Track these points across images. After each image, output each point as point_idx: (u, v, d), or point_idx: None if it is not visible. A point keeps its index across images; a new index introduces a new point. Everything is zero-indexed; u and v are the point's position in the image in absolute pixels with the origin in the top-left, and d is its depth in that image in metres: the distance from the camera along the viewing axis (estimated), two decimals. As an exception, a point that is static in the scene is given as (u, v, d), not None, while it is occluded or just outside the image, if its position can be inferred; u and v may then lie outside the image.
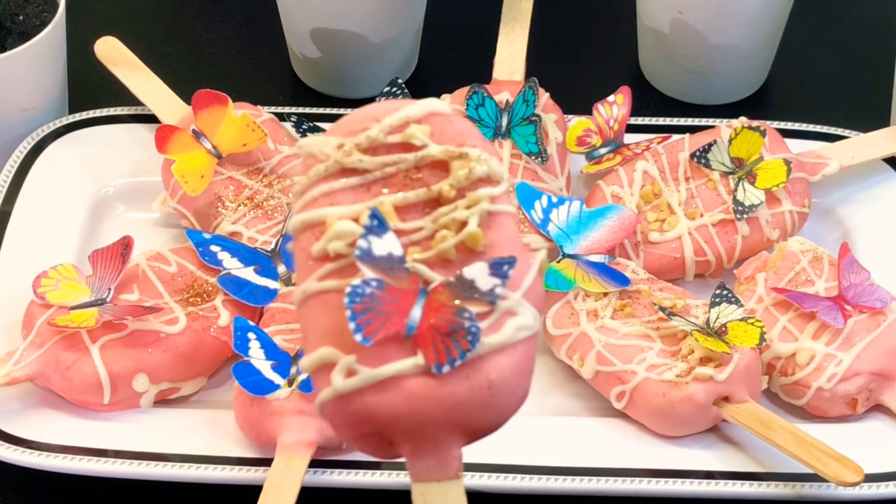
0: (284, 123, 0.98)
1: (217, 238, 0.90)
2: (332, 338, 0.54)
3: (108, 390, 0.83)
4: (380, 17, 1.04)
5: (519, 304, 0.55)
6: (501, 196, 0.57)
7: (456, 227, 0.55)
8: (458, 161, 0.56)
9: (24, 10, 0.98)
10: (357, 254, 0.54)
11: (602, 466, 0.81)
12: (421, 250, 0.55)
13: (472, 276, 0.54)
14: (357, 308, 0.53)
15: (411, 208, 0.56)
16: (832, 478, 0.78)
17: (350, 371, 0.53)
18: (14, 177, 0.96)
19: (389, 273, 0.54)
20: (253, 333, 0.83)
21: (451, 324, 0.54)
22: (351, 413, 0.53)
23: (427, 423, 0.54)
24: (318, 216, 0.56)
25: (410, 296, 0.54)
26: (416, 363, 0.53)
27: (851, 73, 1.13)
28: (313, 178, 0.57)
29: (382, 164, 0.57)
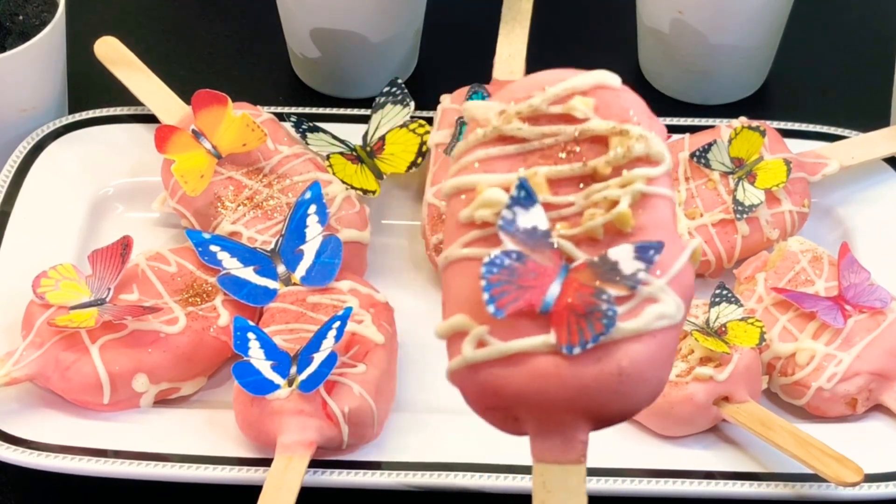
0: (284, 123, 0.97)
1: (217, 238, 0.90)
2: (468, 306, 0.53)
3: (107, 390, 0.83)
4: (380, 17, 1.04)
5: (661, 291, 0.53)
6: (659, 178, 0.55)
7: (607, 205, 0.54)
8: (617, 137, 0.55)
9: (24, 10, 0.98)
10: (500, 224, 0.53)
11: (602, 466, 0.81)
12: (569, 226, 0.54)
13: (617, 257, 0.53)
14: (493, 279, 0.52)
15: (565, 182, 0.55)
16: (832, 478, 0.78)
17: (481, 342, 0.52)
18: (14, 177, 0.96)
19: (532, 246, 0.53)
20: (253, 333, 0.83)
21: (588, 305, 0.52)
22: (478, 384, 0.53)
23: (552, 403, 0.52)
24: (469, 182, 0.55)
25: (551, 271, 0.53)
26: (547, 341, 0.52)
27: (851, 73, 1.13)
28: (471, 143, 0.56)
29: (541, 135, 0.55)
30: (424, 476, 0.80)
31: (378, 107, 0.99)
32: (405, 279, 0.95)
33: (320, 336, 0.82)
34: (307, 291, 0.87)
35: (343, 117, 1.02)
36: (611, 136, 0.55)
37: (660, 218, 0.54)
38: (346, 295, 0.87)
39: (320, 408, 0.79)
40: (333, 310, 0.85)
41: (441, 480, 0.80)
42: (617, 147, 0.54)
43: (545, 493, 0.53)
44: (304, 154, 0.95)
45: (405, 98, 0.99)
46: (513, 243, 0.53)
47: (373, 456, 0.81)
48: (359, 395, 0.80)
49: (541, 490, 0.54)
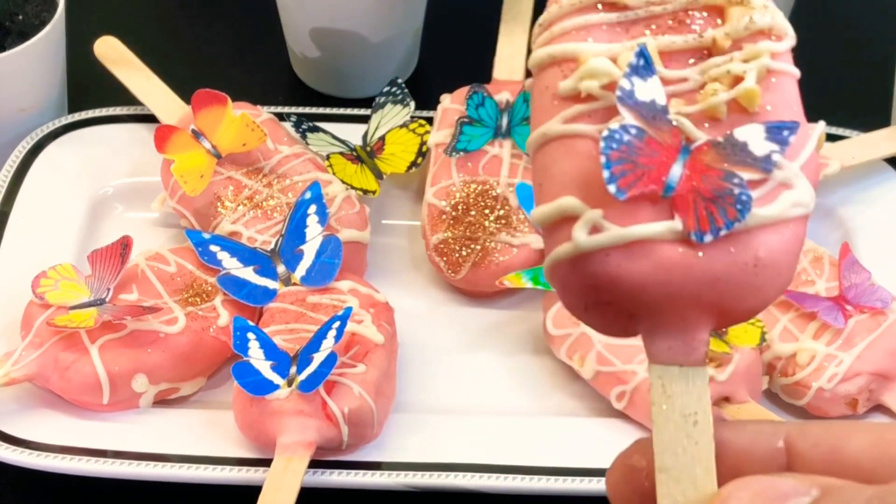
0: (284, 123, 0.97)
1: (216, 238, 0.90)
2: (577, 188, 0.47)
3: (107, 390, 0.83)
4: (380, 17, 1.04)
5: (796, 177, 0.48)
6: (784, 54, 0.49)
7: (729, 81, 0.48)
8: (737, 7, 0.50)
9: (24, 9, 0.98)
10: (618, 95, 0.47)
11: (602, 467, 0.80)
12: (685, 103, 0.48)
13: (746, 137, 0.47)
14: (613, 156, 0.46)
15: (676, 55, 0.49)
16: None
17: (595, 227, 0.47)
18: (13, 177, 0.96)
19: (650, 122, 0.47)
20: (252, 333, 0.83)
21: (717, 188, 0.47)
22: (590, 276, 0.47)
23: (678, 296, 0.47)
24: (568, 50, 0.49)
25: (671, 151, 0.47)
26: (673, 228, 0.46)
27: (852, 73, 1.13)
28: (566, 7, 0.50)
29: (648, 2, 0.50)
30: (424, 476, 0.80)
31: (378, 107, 0.99)
32: (405, 279, 0.95)
33: (320, 336, 0.82)
34: (307, 291, 0.87)
35: (343, 117, 1.02)
36: (729, 6, 0.50)
37: (788, 97, 0.49)
38: (346, 295, 0.87)
39: (320, 408, 0.79)
40: (333, 310, 0.85)
41: (441, 481, 0.80)
42: (739, 18, 0.49)
43: (665, 398, 0.49)
44: (304, 154, 0.95)
45: (405, 98, 0.99)
46: (633, 117, 0.47)
47: (373, 456, 0.81)
48: (359, 396, 0.80)
49: (660, 395, 0.49)
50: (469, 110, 0.95)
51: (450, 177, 0.94)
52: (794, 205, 0.47)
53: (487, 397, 0.87)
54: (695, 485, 0.48)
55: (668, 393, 0.49)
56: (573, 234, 0.47)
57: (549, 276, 0.49)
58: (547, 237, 0.48)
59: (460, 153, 0.94)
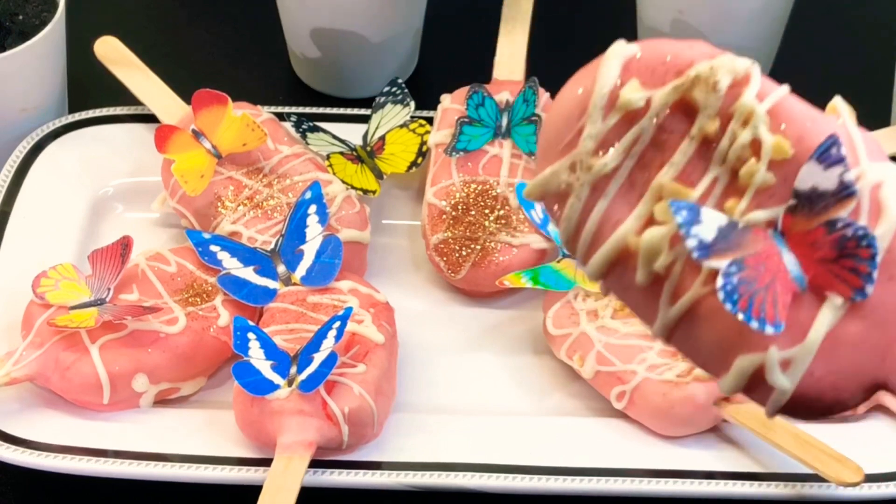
0: (284, 123, 0.97)
1: (217, 238, 0.90)
2: (736, 346, 0.47)
3: (107, 390, 0.83)
4: (380, 17, 1.04)
5: (875, 170, 0.47)
6: (763, 84, 0.49)
7: (751, 151, 0.48)
8: (696, 90, 0.49)
9: (24, 9, 0.98)
10: (695, 255, 0.46)
11: (602, 467, 0.81)
12: (736, 200, 0.48)
13: (809, 183, 0.47)
14: (743, 304, 0.46)
15: (689, 170, 0.48)
16: (832, 478, 0.77)
17: (784, 362, 0.46)
18: (13, 177, 0.96)
19: (735, 246, 0.47)
20: (253, 333, 0.83)
21: (833, 244, 0.46)
22: (817, 399, 0.47)
23: (892, 348, 0.47)
24: (616, 246, 0.49)
25: (771, 250, 0.47)
26: (835, 305, 0.46)
27: (852, 73, 1.13)
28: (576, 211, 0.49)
29: (626, 150, 0.49)
30: (424, 476, 0.80)
31: (378, 107, 0.99)
32: (405, 279, 0.95)
33: (320, 336, 0.82)
34: (307, 291, 0.87)
35: (343, 117, 1.02)
36: (687, 94, 0.49)
37: (801, 115, 0.49)
38: (347, 295, 0.87)
39: (320, 408, 0.79)
40: (333, 310, 0.85)
41: (441, 480, 0.80)
42: (705, 98, 0.49)
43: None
44: (304, 154, 0.95)
45: (405, 98, 0.99)
46: (720, 258, 0.46)
47: (373, 456, 0.81)
48: (359, 395, 0.80)
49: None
50: (469, 110, 0.95)
51: (450, 177, 0.94)
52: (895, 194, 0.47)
53: (487, 397, 0.87)
54: None
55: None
56: (773, 381, 0.47)
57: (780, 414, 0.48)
58: (748, 396, 0.48)
59: (460, 153, 0.94)
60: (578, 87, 0.51)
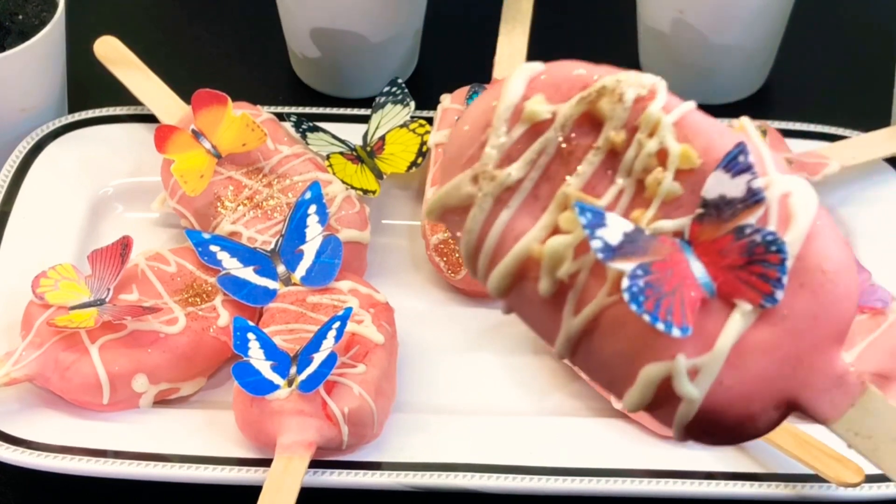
0: (284, 123, 0.97)
1: (216, 238, 0.90)
2: (642, 355, 0.46)
3: (107, 391, 0.82)
4: (380, 17, 1.04)
5: (783, 181, 0.46)
6: (669, 99, 0.49)
7: (657, 161, 0.47)
8: (602, 101, 0.48)
9: (24, 9, 0.98)
10: (598, 254, 0.45)
11: (602, 467, 0.81)
12: (642, 210, 0.47)
13: (717, 191, 0.46)
14: (649, 306, 0.45)
15: (594, 181, 0.48)
16: (833, 478, 0.77)
17: (693, 370, 0.45)
18: (13, 177, 0.96)
19: (641, 251, 0.46)
20: (252, 334, 0.83)
21: (741, 250, 0.45)
22: (724, 411, 0.46)
23: (802, 357, 0.46)
24: (519, 256, 0.48)
25: (678, 257, 0.46)
26: (744, 311, 0.45)
27: (852, 73, 1.13)
28: (478, 222, 0.49)
29: (531, 163, 0.49)
30: (424, 476, 0.80)
31: (378, 107, 0.99)
32: (405, 279, 0.95)
33: (320, 336, 0.82)
34: (307, 291, 0.87)
35: (343, 117, 1.02)
36: (592, 108, 0.49)
37: (708, 128, 0.48)
38: (346, 295, 0.87)
39: (320, 408, 0.79)
40: (333, 310, 0.85)
41: (441, 481, 0.79)
42: (611, 110, 0.48)
43: (864, 439, 0.47)
44: (304, 154, 0.95)
45: (405, 98, 0.99)
46: (626, 262, 0.45)
47: (373, 456, 0.81)
48: (359, 396, 0.80)
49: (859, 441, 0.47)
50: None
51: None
52: (805, 206, 0.46)
53: (487, 397, 0.87)
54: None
55: (863, 433, 0.47)
56: (681, 391, 0.45)
57: (685, 440, 0.47)
58: (652, 412, 0.47)
59: (460, 153, 0.94)
60: (483, 103, 0.50)
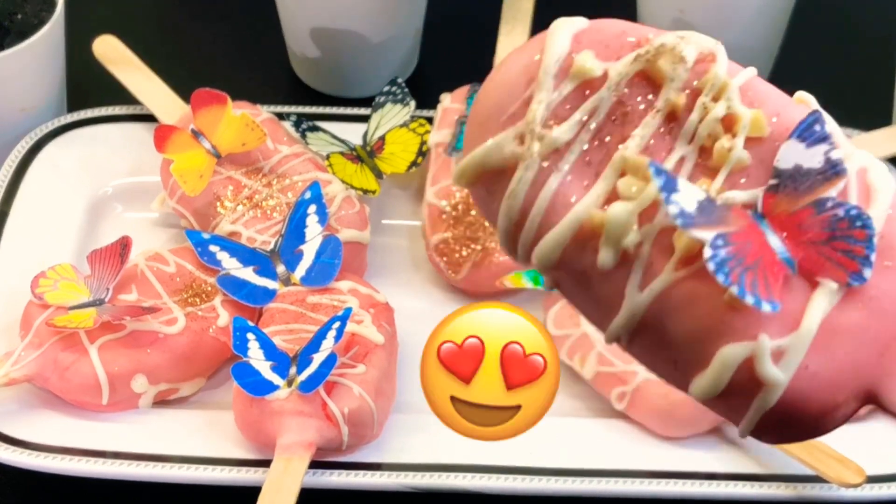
0: (284, 123, 0.97)
1: (216, 238, 0.90)
2: (718, 335, 0.42)
3: (106, 391, 0.82)
4: (380, 16, 1.04)
5: (860, 155, 0.43)
6: (731, 64, 0.46)
7: (723, 128, 0.44)
8: (662, 60, 0.45)
9: (23, 8, 0.98)
10: (679, 221, 0.41)
11: (603, 468, 0.80)
12: (708, 181, 0.43)
13: (791, 161, 0.43)
14: (734, 278, 0.41)
15: (653, 147, 0.44)
16: (834, 479, 0.77)
17: (777, 352, 0.41)
18: (12, 176, 0.96)
19: (717, 222, 0.42)
20: (252, 334, 0.83)
21: (823, 225, 0.42)
22: (814, 402, 0.42)
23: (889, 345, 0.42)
24: (575, 223, 0.44)
25: (755, 230, 0.42)
26: (830, 290, 0.42)
27: (853, 73, 1.13)
28: (524, 186, 0.44)
29: (581, 123, 0.44)
30: (424, 477, 0.79)
31: (378, 106, 0.98)
32: (405, 279, 0.95)
33: (320, 336, 0.81)
34: (307, 292, 0.87)
35: (343, 117, 1.01)
36: (651, 66, 0.45)
37: (773, 96, 0.45)
38: (346, 295, 0.87)
39: (320, 408, 0.79)
40: (333, 310, 0.85)
41: (441, 481, 0.79)
42: (672, 69, 0.45)
43: None
44: (303, 154, 0.95)
45: (405, 97, 0.98)
46: (707, 231, 0.41)
47: (373, 457, 0.81)
48: (358, 396, 0.80)
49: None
50: (469, 109, 0.95)
51: (450, 177, 0.93)
52: (886, 182, 0.43)
53: (488, 398, 0.87)
54: None
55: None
56: (764, 375, 0.41)
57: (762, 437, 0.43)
58: (723, 401, 0.43)
59: (460, 153, 0.94)
60: (524, 56, 0.46)
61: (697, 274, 0.42)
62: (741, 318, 0.42)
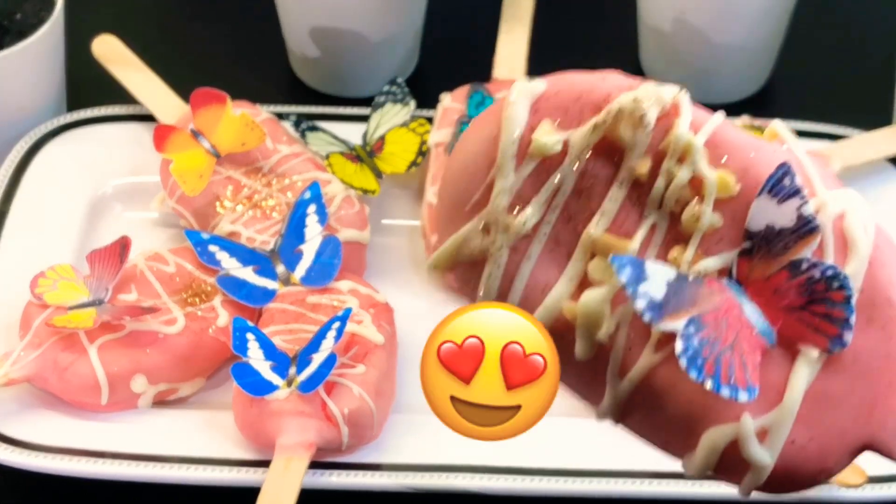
0: (283, 123, 0.97)
1: (215, 238, 0.90)
2: (702, 417, 0.41)
3: (105, 391, 0.82)
4: (380, 16, 1.04)
5: (835, 200, 0.41)
6: (694, 113, 0.43)
7: (691, 191, 0.42)
8: (621, 126, 0.43)
9: (22, 8, 0.98)
10: (646, 317, 0.40)
11: (603, 468, 0.80)
12: (681, 248, 0.42)
13: (763, 221, 0.41)
14: (709, 369, 0.40)
15: (621, 219, 0.43)
16: (835, 479, 0.77)
17: (761, 432, 0.41)
18: (11, 176, 0.96)
19: (689, 302, 0.41)
20: (252, 334, 0.83)
21: (800, 289, 0.41)
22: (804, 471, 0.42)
23: (877, 402, 0.41)
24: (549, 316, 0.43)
25: (731, 303, 0.41)
26: (810, 359, 0.41)
27: (854, 72, 1.13)
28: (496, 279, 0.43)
29: (546, 203, 0.43)
30: (424, 477, 0.79)
31: (378, 106, 0.98)
32: (405, 279, 0.95)
33: (320, 337, 0.81)
34: (307, 292, 0.87)
35: (343, 117, 1.01)
36: (611, 132, 0.43)
37: (741, 143, 0.43)
38: (346, 295, 0.87)
39: (320, 409, 0.79)
40: (333, 310, 0.85)
41: (441, 482, 0.79)
42: (632, 133, 0.43)
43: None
44: (303, 153, 0.95)
45: (405, 97, 0.98)
46: (674, 320, 0.40)
47: (372, 457, 0.81)
48: (358, 396, 0.80)
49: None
50: (469, 109, 0.95)
51: (450, 176, 0.93)
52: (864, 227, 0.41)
53: (487, 398, 0.87)
54: None
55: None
56: (751, 456, 0.41)
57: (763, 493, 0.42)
58: (719, 475, 0.42)
59: (460, 153, 0.94)
60: (482, 134, 0.44)
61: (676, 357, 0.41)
62: (723, 400, 0.41)
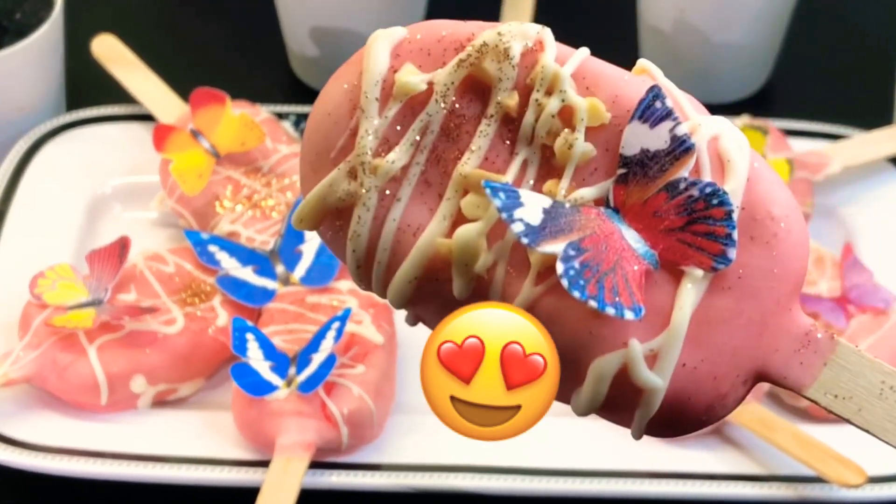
0: (283, 122, 0.97)
1: (215, 238, 0.90)
2: (588, 348, 0.41)
3: (105, 391, 0.82)
4: (380, 15, 1.04)
5: (709, 123, 0.41)
6: (559, 48, 0.43)
7: (561, 122, 0.42)
8: (486, 61, 0.43)
9: (21, 7, 0.98)
10: (524, 240, 0.39)
11: (603, 468, 0.80)
12: (555, 181, 0.41)
13: (637, 145, 0.41)
14: (592, 290, 0.39)
15: (493, 156, 0.42)
16: (834, 479, 0.77)
17: (651, 356, 0.40)
18: (11, 176, 0.96)
19: (567, 228, 0.40)
20: (251, 334, 0.83)
21: (679, 209, 0.40)
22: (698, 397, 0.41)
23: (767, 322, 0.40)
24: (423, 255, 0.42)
25: (609, 228, 0.40)
26: (695, 278, 0.40)
27: (854, 72, 1.13)
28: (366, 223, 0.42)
29: (414, 144, 0.42)
30: (424, 477, 0.79)
31: (377, 106, 0.98)
32: (405, 279, 0.94)
33: (319, 337, 0.81)
34: (306, 291, 0.87)
35: (342, 116, 1.01)
36: (475, 68, 0.43)
37: (608, 74, 0.43)
38: (346, 295, 0.86)
39: (319, 409, 0.79)
40: (333, 310, 0.85)
41: (441, 482, 0.79)
42: (497, 68, 0.43)
43: (845, 401, 0.43)
44: (303, 153, 0.94)
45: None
46: (553, 244, 0.40)
47: (372, 457, 0.81)
48: (358, 397, 0.80)
49: (840, 405, 0.43)
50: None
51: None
52: (738, 146, 0.41)
53: (487, 398, 0.87)
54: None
55: (846, 395, 0.43)
56: (641, 381, 0.40)
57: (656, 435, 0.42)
58: (606, 413, 0.41)
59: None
60: (342, 82, 0.44)
61: (557, 287, 0.40)
62: (608, 327, 0.40)
